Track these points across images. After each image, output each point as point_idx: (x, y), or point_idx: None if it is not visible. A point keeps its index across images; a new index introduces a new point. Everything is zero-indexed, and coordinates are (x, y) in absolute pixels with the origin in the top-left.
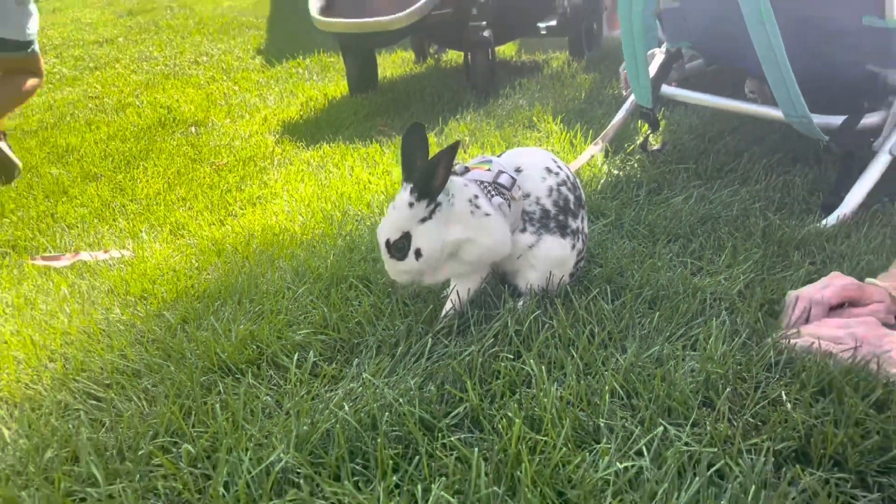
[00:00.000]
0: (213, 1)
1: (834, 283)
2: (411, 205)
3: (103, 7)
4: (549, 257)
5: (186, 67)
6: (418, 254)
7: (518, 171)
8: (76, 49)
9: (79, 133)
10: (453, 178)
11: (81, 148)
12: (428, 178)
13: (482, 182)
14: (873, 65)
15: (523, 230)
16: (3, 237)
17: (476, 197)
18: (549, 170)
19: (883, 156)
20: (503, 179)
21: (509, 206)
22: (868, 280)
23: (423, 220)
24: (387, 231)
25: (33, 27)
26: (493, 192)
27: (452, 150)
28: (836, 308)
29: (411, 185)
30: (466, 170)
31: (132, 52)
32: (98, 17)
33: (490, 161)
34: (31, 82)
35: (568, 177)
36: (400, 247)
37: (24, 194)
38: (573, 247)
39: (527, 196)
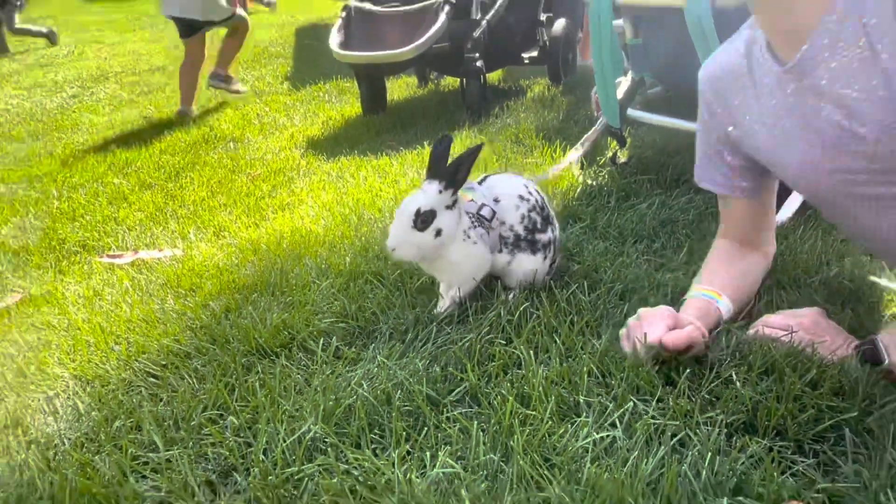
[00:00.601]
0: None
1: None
2: (440, 192)
3: (155, 40)
4: (524, 269)
5: (225, 91)
6: (438, 233)
7: (496, 200)
8: (132, 76)
9: (136, 148)
10: (460, 205)
11: (138, 161)
12: (455, 171)
13: (469, 212)
14: None
15: (500, 251)
16: (75, 238)
17: (469, 228)
18: (521, 197)
19: None
20: (485, 212)
21: (488, 233)
22: None
23: (448, 207)
24: (419, 201)
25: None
26: (475, 224)
27: (476, 150)
28: None
29: (439, 179)
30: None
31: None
32: (151, 49)
33: (473, 189)
34: (241, 34)
35: (537, 200)
36: (426, 219)
37: (92, 201)
38: (545, 257)
39: (503, 223)
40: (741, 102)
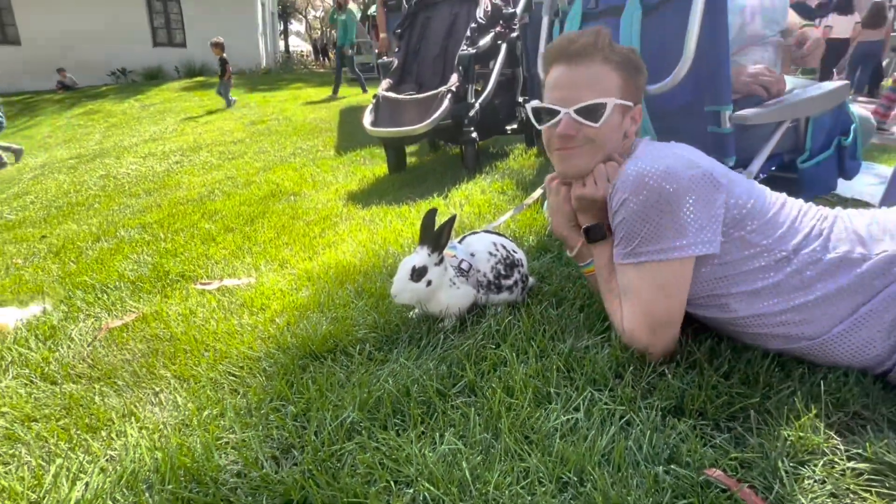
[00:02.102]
0: (303, 114)
1: None
2: (429, 254)
3: (236, 119)
4: (499, 303)
5: (288, 157)
6: (429, 283)
7: (472, 255)
8: (220, 147)
9: (221, 201)
10: (446, 260)
11: (223, 210)
12: (438, 238)
13: (452, 266)
14: (713, 155)
15: (478, 292)
16: (176, 270)
17: (453, 276)
18: (490, 253)
19: None
20: (464, 265)
21: (467, 280)
22: None
23: (436, 264)
24: (415, 260)
25: None
26: (457, 274)
27: (451, 221)
28: None
29: (427, 245)
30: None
31: (254, 147)
32: (233, 126)
33: (455, 247)
34: None
35: (503, 255)
36: (420, 272)
37: (189, 241)
38: (511, 292)
39: (478, 272)
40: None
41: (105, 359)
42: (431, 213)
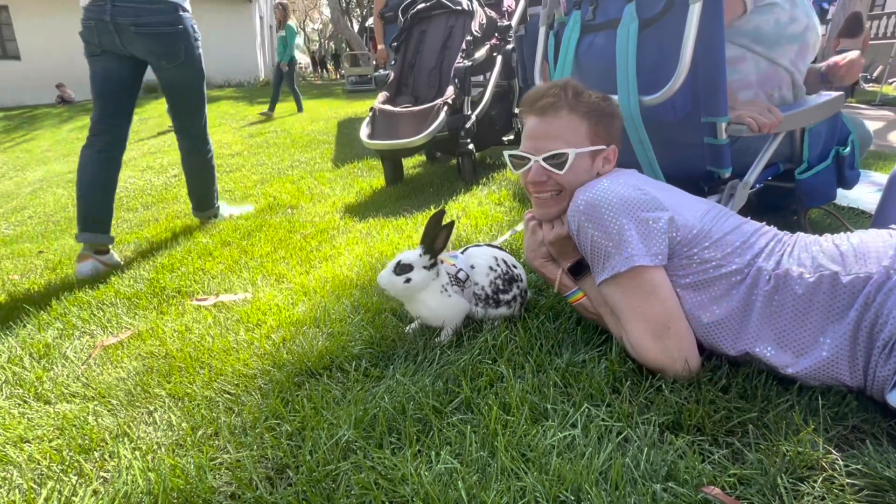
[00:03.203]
0: (301, 126)
1: None
2: (421, 255)
3: (234, 132)
4: (496, 317)
5: (285, 169)
6: (408, 280)
7: (472, 267)
8: (218, 160)
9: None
10: (442, 267)
11: (220, 224)
12: (433, 241)
13: (449, 273)
14: (710, 166)
15: (476, 305)
16: (172, 285)
17: (447, 284)
18: (491, 268)
19: None
20: (461, 275)
21: (462, 291)
22: None
23: (425, 267)
24: (404, 257)
25: None
26: (452, 283)
27: (450, 226)
28: None
29: (423, 245)
30: (440, 261)
31: (252, 160)
32: (231, 138)
33: (455, 257)
34: None
35: (503, 271)
36: (405, 268)
37: (186, 256)
38: (510, 307)
39: (476, 284)
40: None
41: (99, 377)
42: (438, 215)
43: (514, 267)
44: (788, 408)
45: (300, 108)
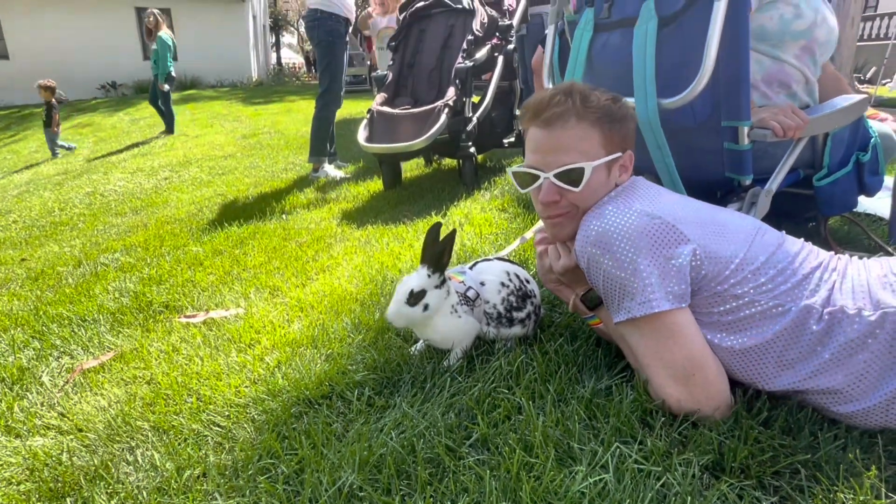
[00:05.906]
0: (296, 127)
1: None
2: (429, 275)
3: (227, 133)
4: (509, 337)
5: (279, 172)
6: (426, 307)
7: (482, 283)
8: (210, 161)
9: (211, 220)
10: (449, 284)
11: (212, 231)
12: (439, 258)
13: (458, 292)
14: (730, 173)
15: (487, 324)
16: (160, 299)
17: (457, 303)
18: (503, 283)
19: None
20: (470, 293)
21: (472, 310)
22: None
23: (436, 286)
24: (413, 283)
25: None
26: (462, 302)
27: (452, 236)
28: None
29: (428, 264)
30: (448, 277)
31: (245, 163)
32: (224, 140)
33: (464, 273)
34: None
35: (516, 286)
36: (418, 296)
37: (175, 266)
38: (524, 326)
39: (487, 302)
40: None
41: (77, 406)
42: (435, 229)
43: (527, 282)
44: (840, 446)
45: (171, 130)
